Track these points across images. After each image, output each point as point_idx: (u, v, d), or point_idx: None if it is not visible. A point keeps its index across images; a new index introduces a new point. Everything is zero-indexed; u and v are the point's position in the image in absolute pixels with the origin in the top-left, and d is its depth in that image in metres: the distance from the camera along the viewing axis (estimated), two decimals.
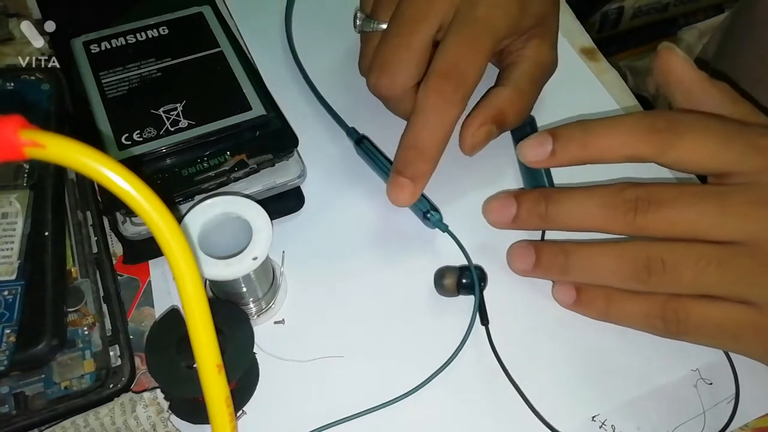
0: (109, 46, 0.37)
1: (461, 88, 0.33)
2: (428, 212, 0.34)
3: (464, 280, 0.32)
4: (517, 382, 0.31)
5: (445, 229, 0.34)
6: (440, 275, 0.33)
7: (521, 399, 0.30)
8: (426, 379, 0.31)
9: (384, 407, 0.30)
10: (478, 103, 0.36)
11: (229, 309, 0.29)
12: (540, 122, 0.39)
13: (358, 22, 0.37)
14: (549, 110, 0.39)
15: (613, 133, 0.30)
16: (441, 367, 0.31)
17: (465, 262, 0.33)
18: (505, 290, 0.34)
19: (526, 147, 0.32)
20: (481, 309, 0.32)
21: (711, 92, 0.32)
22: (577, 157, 0.31)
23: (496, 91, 0.36)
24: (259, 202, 0.29)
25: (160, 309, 0.33)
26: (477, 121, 0.35)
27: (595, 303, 0.32)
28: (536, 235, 0.34)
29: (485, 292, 0.33)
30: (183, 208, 0.33)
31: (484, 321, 0.32)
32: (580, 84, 0.42)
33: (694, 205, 0.28)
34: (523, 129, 0.38)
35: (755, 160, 0.28)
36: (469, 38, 0.33)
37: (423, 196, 0.35)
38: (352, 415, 0.30)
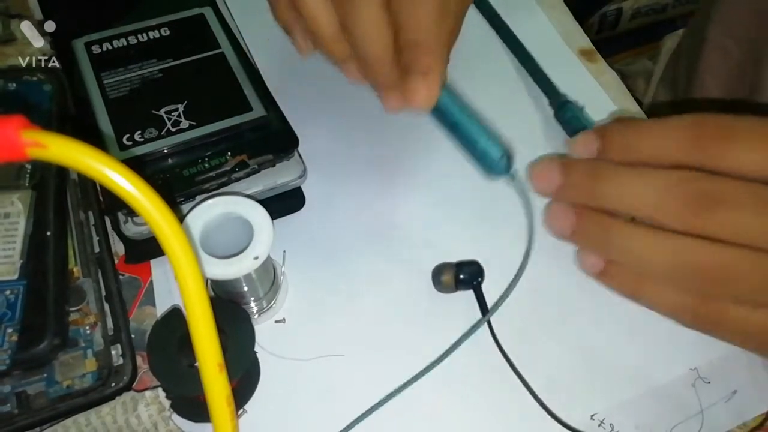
0: (110, 47, 0.37)
1: None
2: (502, 156, 0.30)
3: (462, 276, 0.33)
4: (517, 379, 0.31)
5: (514, 177, 0.31)
6: (438, 272, 0.33)
7: (528, 392, 0.30)
8: (429, 365, 0.31)
9: (387, 401, 0.30)
10: None
11: (231, 308, 0.29)
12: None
13: None
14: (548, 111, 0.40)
15: (661, 137, 0.27)
16: (443, 354, 0.31)
17: (463, 258, 0.34)
18: (503, 288, 0.34)
19: (575, 144, 0.29)
20: (480, 302, 0.32)
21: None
22: (622, 158, 0.28)
23: None
24: (260, 202, 0.29)
25: (161, 308, 0.33)
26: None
27: (624, 278, 0.29)
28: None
29: (483, 288, 0.33)
30: (184, 208, 0.33)
31: (485, 314, 0.32)
32: (579, 85, 0.42)
33: None
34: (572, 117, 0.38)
35: None
36: None
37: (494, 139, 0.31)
38: (361, 415, 0.30)
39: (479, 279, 0.33)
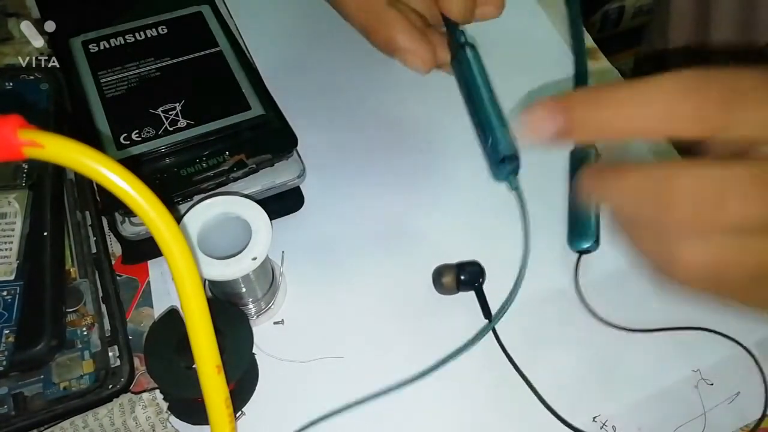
0: (107, 46, 0.37)
1: None
2: (506, 159, 0.28)
3: (463, 277, 0.32)
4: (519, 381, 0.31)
5: (516, 186, 0.30)
6: (438, 274, 0.33)
7: (532, 392, 0.30)
8: (433, 365, 0.31)
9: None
10: None
11: (229, 309, 0.29)
12: None
13: None
14: None
15: (647, 105, 0.21)
16: (446, 358, 0.31)
17: (464, 259, 0.33)
18: (505, 288, 0.33)
19: (530, 118, 0.22)
20: (482, 303, 0.32)
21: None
22: (597, 136, 0.22)
23: None
24: (258, 202, 0.29)
25: (159, 309, 0.32)
26: None
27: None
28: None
29: (484, 288, 0.33)
30: (182, 208, 0.33)
31: (488, 316, 0.32)
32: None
33: None
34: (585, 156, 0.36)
35: None
36: None
37: (504, 137, 0.29)
38: (363, 399, 0.30)
39: (480, 280, 0.33)
